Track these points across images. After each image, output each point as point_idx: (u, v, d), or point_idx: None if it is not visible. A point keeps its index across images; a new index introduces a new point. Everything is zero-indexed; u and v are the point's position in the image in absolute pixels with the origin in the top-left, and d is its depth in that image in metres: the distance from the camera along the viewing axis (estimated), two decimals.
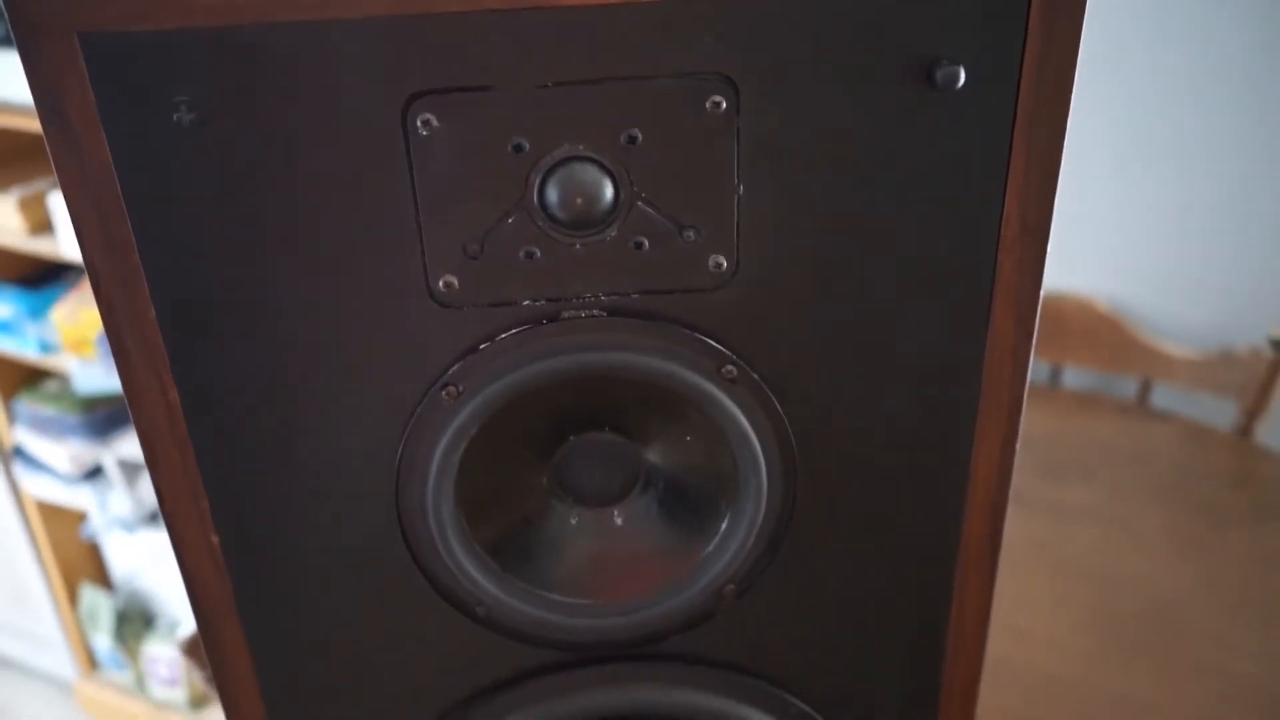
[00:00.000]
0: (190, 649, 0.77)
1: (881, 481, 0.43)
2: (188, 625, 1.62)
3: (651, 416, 0.43)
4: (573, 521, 0.45)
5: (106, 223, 0.36)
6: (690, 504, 0.45)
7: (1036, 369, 1.43)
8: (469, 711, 0.47)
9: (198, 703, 1.72)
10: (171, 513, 0.41)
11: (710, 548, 0.44)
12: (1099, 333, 1.33)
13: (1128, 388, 1.39)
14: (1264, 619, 0.92)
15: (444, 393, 0.39)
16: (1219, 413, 1.30)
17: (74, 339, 1.32)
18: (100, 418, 1.49)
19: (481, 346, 0.39)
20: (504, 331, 0.39)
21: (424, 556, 0.43)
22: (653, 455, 0.44)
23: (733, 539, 0.44)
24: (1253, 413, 1.22)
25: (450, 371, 0.39)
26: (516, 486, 0.44)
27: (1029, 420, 1.29)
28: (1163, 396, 1.34)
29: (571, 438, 0.43)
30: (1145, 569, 0.99)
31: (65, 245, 1.30)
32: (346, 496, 0.42)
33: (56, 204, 1.27)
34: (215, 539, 0.42)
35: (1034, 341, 0.41)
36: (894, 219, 0.38)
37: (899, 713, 0.51)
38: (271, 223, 0.36)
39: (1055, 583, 0.97)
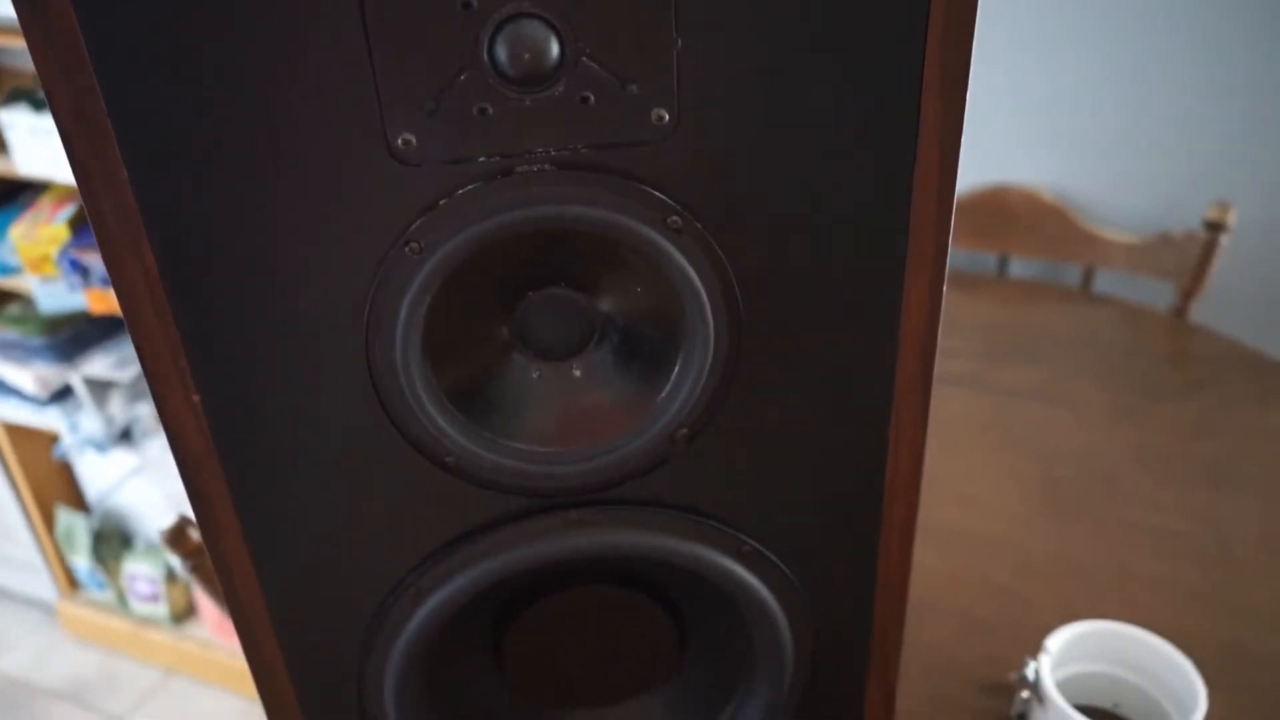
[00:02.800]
0: (171, 539, 0.80)
1: (820, 324, 0.47)
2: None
3: (604, 270, 0.46)
4: (534, 375, 0.48)
5: (75, 87, 0.37)
6: (643, 353, 0.48)
7: (985, 260, 1.47)
8: (443, 558, 0.51)
9: (179, 617, 1.76)
10: (153, 373, 0.44)
11: (663, 394, 0.47)
12: (1043, 223, 1.37)
13: (1071, 274, 1.43)
14: (1189, 479, 0.98)
15: (407, 248, 0.42)
16: (1157, 294, 1.36)
17: (33, 257, 1.32)
18: (65, 339, 1.49)
19: (440, 202, 0.41)
20: (461, 187, 0.41)
21: (394, 408, 0.46)
22: (607, 307, 0.47)
23: (683, 384, 0.47)
24: (1188, 293, 1.27)
25: (412, 228, 0.42)
26: (480, 342, 0.47)
27: (979, 307, 1.34)
28: (1104, 281, 1.39)
29: (530, 293, 0.46)
30: (1085, 440, 1.05)
31: (19, 163, 1.29)
32: (319, 352, 0.44)
33: (9, 120, 1.26)
34: (196, 398, 0.45)
35: (957, 185, 0.44)
36: (823, 69, 0.40)
37: (843, 548, 0.55)
38: (234, 84, 0.38)
39: (1001, 456, 1.03)
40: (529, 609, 0.57)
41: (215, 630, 1.70)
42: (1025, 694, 0.73)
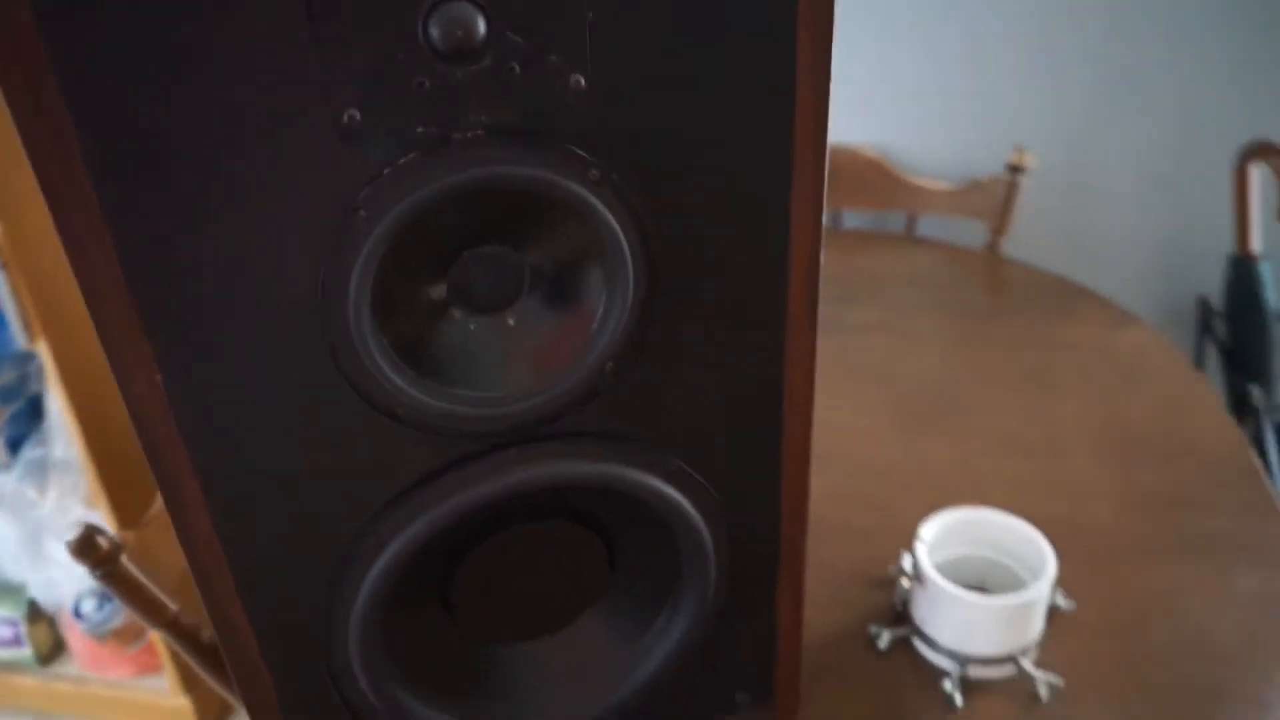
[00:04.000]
0: (79, 549, 0.79)
1: (722, 261, 0.53)
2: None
3: (531, 224, 0.51)
4: (471, 327, 0.53)
5: (32, 81, 0.39)
6: (570, 298, 0.53)
7: None
8: (398, 507, 0.55)
9: (46, 658, 1.68)
10: (115, 358, 0.46)
11: (591, 332, 0.53)
12: (868, 178, 1.50)
13: (896, 222, 1.57)
14: (1016, 388, 1.12)
15: (357, 215, 0.46)
16: (972, 234, 1.51)
17: None
18: None
19: (385, 171, 0.46)
20: (403, 156, 0.45)
21: (348, 367, 0.49)
22: (535, 260, 0.52)
23: (609, 322, 0.53)
24: (998, 230, 1.43)
25: (360, 196, 0.46)
26: (421, 301, 0.51)
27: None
28: (926, 226, 1.54)
29: (465, 252, 0.51)
30: (925, 363, 1.17)
31: None
32: (277, 321, 0.47)
33: None
34: (158, 378, 0.47)
35: (828, 135, 0.52)
36: (715, 37, 0.47)
37: (752, 460, 0.62)
38: (187, 70, 0.41)
39: (857, 385, 1.13)
40: (472, 552, 0.61)
41: (87, 665, 1.64)
42: (905, 583, 0.83)
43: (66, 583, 1.48)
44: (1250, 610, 0.82)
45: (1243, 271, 1.43)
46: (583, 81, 0.46)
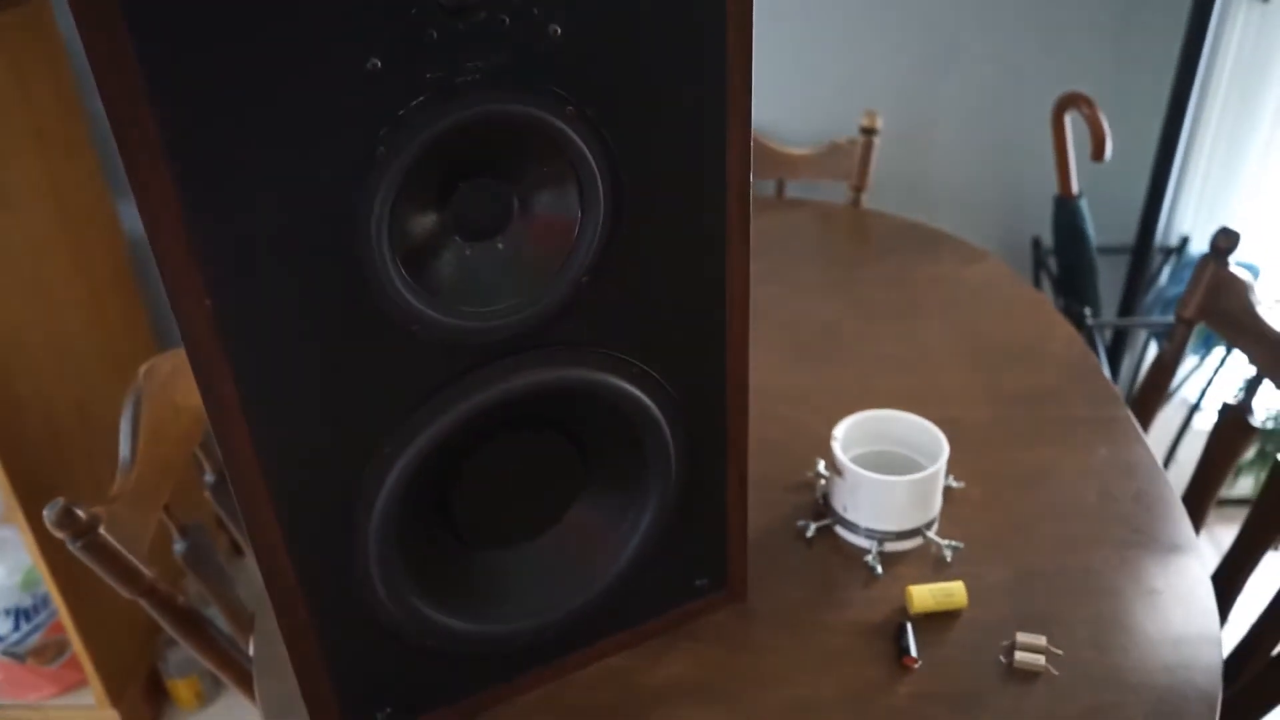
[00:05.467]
0: (59, 521, 0.81)
1: (672, 181, 0.63)
2: None
3: (516, 157, 0.59)
4: (468, 252, 0.61)
5: (110, 41, 0.46)
6: (549, 223, 0.62)
7: None
8: (417, 412, 0.62)
9: None
10: (172, 287, 0.52)
11: (570, 249, 0.62)
12: None
13: (767, 188, 1.71)
14: (890, 318, 1.26)
15: (377, 152, 0.54)
16: (835, 193, 1.66)
17: None
18: None
19: (400, 112, 0.53)
20: (415, 99, 0.53)
21: (372, 288, 0.57)
22: (521, 190, 0.61)
23: (583, 240, 0.62)
24: (858, 187, 1.58)
25: (380, 134, 0.53)
26: (428, 229, 0.59)
27: None
28: (794, 189, 1.68)
29: (461, 184, 0.59)
30: (811, 305, 1.30)
31: None
32: (309, 250, 0.54)
33: None
34: (208, 303, 0.53)
35: (753, 85, 0.62)
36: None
37: (702, 359, 0.72)
38: (243, 28, 0.48)
39: (755, 327, 1.25)
40: (467, 467, 0.69)
41: (3, 691, 1.59)
42: (823, 481, 0.95)
43: None
44: (1106, 476, 0.98)
45: (1066, 210, 1.63)
46: (559, 30, 0.55)
